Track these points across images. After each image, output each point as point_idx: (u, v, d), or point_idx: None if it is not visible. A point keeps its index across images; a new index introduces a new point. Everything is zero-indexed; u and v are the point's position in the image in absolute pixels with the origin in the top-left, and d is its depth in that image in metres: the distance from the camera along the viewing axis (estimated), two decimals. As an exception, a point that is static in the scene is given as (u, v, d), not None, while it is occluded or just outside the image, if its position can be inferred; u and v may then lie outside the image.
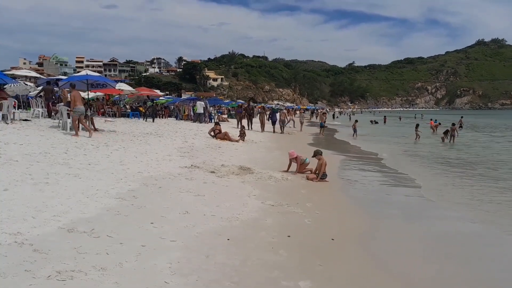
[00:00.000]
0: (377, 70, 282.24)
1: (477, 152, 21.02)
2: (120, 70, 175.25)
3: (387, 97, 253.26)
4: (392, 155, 18.47)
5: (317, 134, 30.64)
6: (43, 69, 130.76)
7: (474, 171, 14.29)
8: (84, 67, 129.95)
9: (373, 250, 5.84)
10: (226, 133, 19.10)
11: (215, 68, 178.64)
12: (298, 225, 6.54)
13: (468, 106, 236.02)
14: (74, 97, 14.62)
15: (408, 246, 6.11)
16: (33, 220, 5.31)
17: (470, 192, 10.52)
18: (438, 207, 8.82)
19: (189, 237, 5.40)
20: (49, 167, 8.51)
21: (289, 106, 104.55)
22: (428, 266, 5.37)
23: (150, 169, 9.73)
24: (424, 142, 26.98)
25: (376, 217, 7.65)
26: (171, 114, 39.60)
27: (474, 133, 36.55)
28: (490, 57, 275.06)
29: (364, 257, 5.50)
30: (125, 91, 33.18)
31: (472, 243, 6.54)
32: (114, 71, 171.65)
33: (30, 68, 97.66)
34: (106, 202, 6.55)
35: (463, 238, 6.75)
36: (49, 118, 20.10)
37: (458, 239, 6.64)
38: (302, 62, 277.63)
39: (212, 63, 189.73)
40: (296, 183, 10.29)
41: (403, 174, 12.98)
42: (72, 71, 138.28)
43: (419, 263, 5.46)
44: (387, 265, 5.31)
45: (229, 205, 7.16)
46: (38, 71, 74.28)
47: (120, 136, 16.04)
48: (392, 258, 5.59)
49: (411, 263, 5.46)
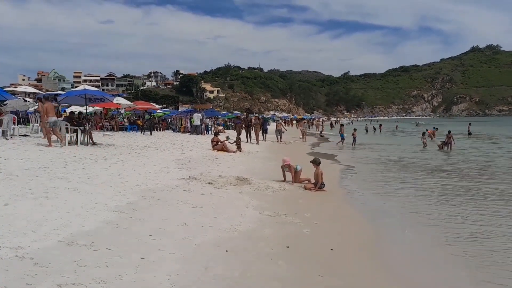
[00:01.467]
0: (372, 79, 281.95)
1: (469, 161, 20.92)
2: (117, 84, 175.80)
3: (383, 106, 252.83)
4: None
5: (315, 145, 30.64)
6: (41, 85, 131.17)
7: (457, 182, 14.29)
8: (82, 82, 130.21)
9: (374, 259, 5.85)
10: (223, 144, 19.15)
11: (211, 80, 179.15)
12: (296, 235, 6.56)
13: (465, 113, 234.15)
14: (46, 108, 14.99)
15: (408, 254, 6.15)
16: (33, 234, 5.34)
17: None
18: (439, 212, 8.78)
19: (188, 249, 5.43)
20: (48, 182, 8.54)
21: (285, 117, 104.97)
22: (432, 273, 5.40)
23: (148, 182, 9.76)
24: (423, 149, 26.98)
25: (376, 226, 7.67)
26: (169, 126, 39.69)
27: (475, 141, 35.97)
28: (485, 63, 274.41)
29: (364, 267, 5.51)
30: (123, 105, 33.32)
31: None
32: (112, 86, 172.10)
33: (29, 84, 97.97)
34: (105, 215, 6.57)
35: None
36: (47, 133, 20.16)
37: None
38: (297, 73, 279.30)
39: (208, 75, 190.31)
40: (294, 193, 10.32)
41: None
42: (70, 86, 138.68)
43: (421, 271, 5.49)
44: (389, 275, 5.32)
45: (227, 216, 7.19)
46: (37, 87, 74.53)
47: (118, 149, 16.09)
48: (393, 267, 5.61)
49: (413, 271, 5.49)
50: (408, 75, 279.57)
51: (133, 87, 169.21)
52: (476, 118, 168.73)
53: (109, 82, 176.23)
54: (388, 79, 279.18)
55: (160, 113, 47.68)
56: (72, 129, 16.29)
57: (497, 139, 37.74)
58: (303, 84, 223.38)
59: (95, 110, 33.29)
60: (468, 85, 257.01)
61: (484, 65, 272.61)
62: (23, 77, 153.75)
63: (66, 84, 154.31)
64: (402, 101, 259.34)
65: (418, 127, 69.48)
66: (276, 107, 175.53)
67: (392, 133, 52.74)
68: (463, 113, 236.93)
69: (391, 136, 46.83)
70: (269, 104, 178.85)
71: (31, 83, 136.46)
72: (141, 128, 30.32)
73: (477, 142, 33.71)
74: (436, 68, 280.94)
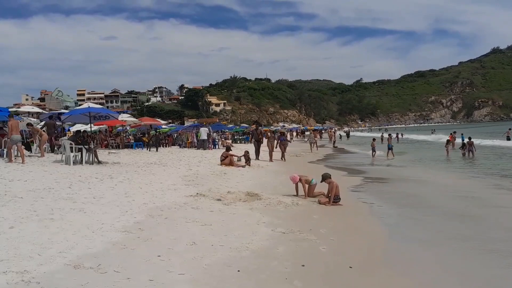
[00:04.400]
0: (386, 86, 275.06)
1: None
2: (122, 101, 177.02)
3: (400, 113, 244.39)
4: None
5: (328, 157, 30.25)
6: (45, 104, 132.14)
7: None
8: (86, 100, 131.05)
9: (396, 277, 5.52)
10: (231, 159, 18.99)
11: (217, 93, 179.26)
12: (312, 253, 6.31)
13: (488, 118, 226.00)
14: (11, 126, 15.50)
15: (433, 272, 5.77)
16: (39, 258, 5.21)
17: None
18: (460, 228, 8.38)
19: (198, 270, 5.24)
20: (53, 203, 8.42)
21: (295, 128, 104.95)
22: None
23: (155, 200, 9.60)
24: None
25: (397, 241, 7.34)
26: (175, 142, 39.67)
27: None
28: (507, 65, 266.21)
29: (385, 286, 5.24)
30: (128, 121, 33.38)
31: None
32: (116, 102, 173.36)
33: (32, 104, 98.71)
34: (112, 236, 6.41)
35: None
36: (52, 152, 20.13)
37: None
38: (307, 82, 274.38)
39: (214, 88, 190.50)
40: (307, 208, 10.00)
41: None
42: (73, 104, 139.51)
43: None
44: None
45: (237, 234, 6.98)
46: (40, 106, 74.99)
47: (124, 167, 15.98)
48: (417, 286, 5.28)
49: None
50: (424, 81, 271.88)
51: (138, 103, 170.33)
52: (500, 123, 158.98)
53: (113, 99, 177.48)
54: (403, 85, 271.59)
55: (165, 129, 47.77)
56: (77, 148, 16.18)
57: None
58: (313, 94, 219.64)
59: (100, 128, 33.34)
60: (490, 88, 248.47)
61: (506, 66, 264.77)
62: (27, 97, 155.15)
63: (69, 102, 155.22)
64: (419, 107, 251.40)
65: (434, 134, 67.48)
66: (285, 118, 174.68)
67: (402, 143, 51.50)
68: (486, 118, 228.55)
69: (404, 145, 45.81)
70: (278, 116, 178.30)
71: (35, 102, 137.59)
72: (147, 145, 30.25)
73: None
74: (455, 72, 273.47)
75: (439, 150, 31.84)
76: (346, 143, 54.45)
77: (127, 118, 34.27)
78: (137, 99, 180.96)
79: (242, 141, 48.47)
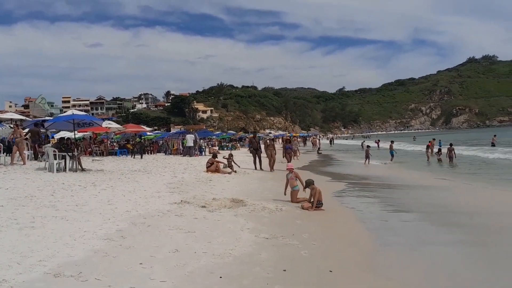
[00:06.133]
0: (368, 94, 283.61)
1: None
2: (107, 107, 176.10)
3: (381, 120, 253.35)
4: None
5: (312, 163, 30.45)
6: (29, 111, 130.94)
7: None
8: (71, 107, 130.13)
9: (375, 281, 5.57)
10: (217, 165, 18.94)
11: (204, 100, 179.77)
12: (294, 258, 6.32)
13: (465, 125, 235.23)
14: None
15: (412, 275, 5.83)
16: (18, 266, 5.13)
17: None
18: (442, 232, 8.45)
19: (180, 277, 5.20)
20: (35, 211, 8.32)
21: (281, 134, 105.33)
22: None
23: (139, 207, 9.52)
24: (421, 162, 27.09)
25: (378, 245, 7.38)
26: (160, 149, 39.47)
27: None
28: (483, 74, 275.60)
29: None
30: (112, 128, 33.17)
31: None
32: (101, 109, 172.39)
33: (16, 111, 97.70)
34: (94, 243, 6.35)
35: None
36: (35, 160, 19.91)
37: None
38: (292, 90, 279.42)
39: (200, 95, 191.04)
40: (291, 213, 10.04)
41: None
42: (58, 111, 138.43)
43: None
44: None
45: (221, 241, 6.96)
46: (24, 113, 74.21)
47: (108, 175, 15.85)
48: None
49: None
50: (404, 89, 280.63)
51: (123, 110, 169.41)
52: (477, 129, 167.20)
53: (98, 106, 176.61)
54: (384, 93, 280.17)
55: (151, 136, 47.55)
56: (60, 155, 16.03)
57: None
58: (299, 101, 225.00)
59: (84, 135, 33.08)
60: (467, 97, 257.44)
61: (482, 75, 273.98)
62: (10, 104, 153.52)
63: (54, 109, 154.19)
64: (399, 115, 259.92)
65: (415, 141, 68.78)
66: (271, 125, 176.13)
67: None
68: (464, 125, 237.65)
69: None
70: (264, 123, 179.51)
71: (18, 109, 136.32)
72: (131, 152, 30.03)
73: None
74: (433, 80, 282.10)
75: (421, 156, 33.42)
76: (329, 149, 55.67)
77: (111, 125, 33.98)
78: (123, 106, 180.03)
79: (229, 148, 48.47)
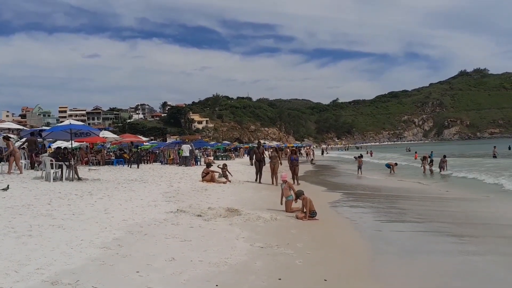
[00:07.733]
0: (361, 106, 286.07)
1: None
2: (104, 118, 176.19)
3: (374, 132, 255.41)
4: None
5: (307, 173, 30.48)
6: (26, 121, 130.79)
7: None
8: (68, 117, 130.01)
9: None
10: (212, 175, 18.98)
11: (199, 111, 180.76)
12: (289, 266, 6.39)
13: (457, 137, 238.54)
14: None
15: (406, 284, 5.91)
16: (16, 275, 5.16)
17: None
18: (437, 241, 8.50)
19: (176, 285, 5.26)
20: (32, 219, 8.34)
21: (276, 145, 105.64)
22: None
23: (135, 216, 9.57)
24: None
25: (372, 254, 7.44)
26: (157, 159, 39.45)
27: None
28: (474, 87, 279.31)
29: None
30: (109, 138, 33.18)
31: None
32: (98, 119, 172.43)
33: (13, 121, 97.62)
34: (91, 252, 6.40)
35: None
36: (32, 169, 19.91)
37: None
38: (286, 101, 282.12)
39: (196, 106, 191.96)
40: (285, 223, 10.12)
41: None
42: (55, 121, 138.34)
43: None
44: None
45: (217, 249, 7.02)
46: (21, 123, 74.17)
47: (105, 184, 15.86)
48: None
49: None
50: (397, 101, 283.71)
51: (120, 120, 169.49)
52: (468, 141, 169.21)
53: (95, 116, 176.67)
54: (377, 105, 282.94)
55: (147, 146, 47.52)
56: (57, 164, 16.05)
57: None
58: (293, 112, 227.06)
59: (81, 145, 33.09)
60: (459, 109, 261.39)
61: (473, 88, 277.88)
62: (7, 113, 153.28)
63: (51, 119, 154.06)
64: (392, 126, 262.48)
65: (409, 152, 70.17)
66: (266, 136, 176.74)
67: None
68: (455, 136, 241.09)
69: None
70: (259, 133, 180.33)
71: (15, 119, 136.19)
72: (128, 162, 30.03)
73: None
74: (426, 93, 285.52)
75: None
76: (321, 159, 56.95)
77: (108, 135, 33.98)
78: (119, 116, 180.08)
79: (224, 158, 48.58)
